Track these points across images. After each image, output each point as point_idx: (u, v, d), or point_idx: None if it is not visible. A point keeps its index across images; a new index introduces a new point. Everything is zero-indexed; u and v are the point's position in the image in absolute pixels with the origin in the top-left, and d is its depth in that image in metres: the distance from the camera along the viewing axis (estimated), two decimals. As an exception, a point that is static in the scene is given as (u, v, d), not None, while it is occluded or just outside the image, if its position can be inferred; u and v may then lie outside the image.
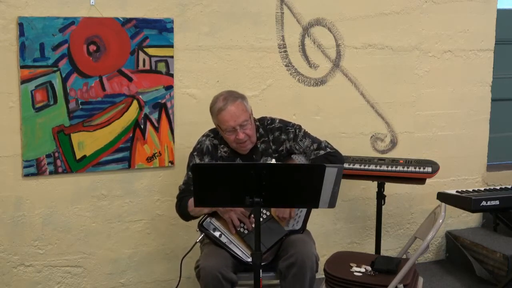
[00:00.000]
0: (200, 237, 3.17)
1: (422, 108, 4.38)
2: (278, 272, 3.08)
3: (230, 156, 3.24)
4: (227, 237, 3.10)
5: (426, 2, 4.26)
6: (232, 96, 3.17)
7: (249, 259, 3.00)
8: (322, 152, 3.27)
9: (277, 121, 3.33)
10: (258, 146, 3.25)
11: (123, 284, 3.85)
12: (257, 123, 3.29)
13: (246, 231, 3.11)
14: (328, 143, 3.34)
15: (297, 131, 3.30)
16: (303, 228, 3.21)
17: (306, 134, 3.32)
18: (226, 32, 3.82)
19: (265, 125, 3.31)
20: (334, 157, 3.27)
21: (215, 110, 3.17)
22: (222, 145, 3.26)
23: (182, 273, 3.28)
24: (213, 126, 3.35)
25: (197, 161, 3.25)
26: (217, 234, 3.11)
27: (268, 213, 3.16)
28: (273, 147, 3.27)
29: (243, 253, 3.08)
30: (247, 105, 3.20)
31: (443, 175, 4.28)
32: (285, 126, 3.31)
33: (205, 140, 3.31)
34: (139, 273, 3.87)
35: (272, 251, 3.11)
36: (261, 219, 3.08)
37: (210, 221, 3.13)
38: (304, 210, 3.23)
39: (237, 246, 3.09)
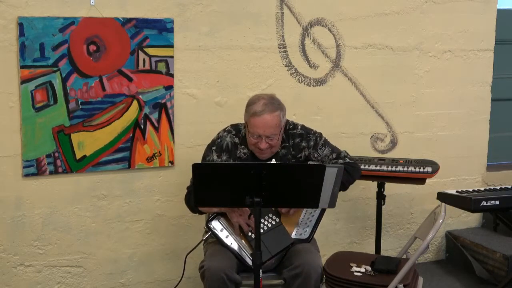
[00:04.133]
0: (207, 235, 3.14)
1: (422, 108, 4.38)
2: (282, 279, 3.07)
3: (249, 158, 3.18)
4: (234, 239, 3.08)
5: (426, 2, 4.26)
6: (273, 105, 3.07)
7: None
8: (340, 161, 3.23)
9: (299, 127, 3.27)
10: (279, 151, 3.20)
11: (123, 284, 3.85)
12: None
13: (253, 236, 3.07)
14: (348, 154, 3.30)
15: (318, 139, 3.25)
16: (311, 238, 3.19)
17: (326, 143, 3.28)
18: (226, 32, 3.82)
19: (287, 130, 3.24)
20: (352, 168, 3.23)
21: (251, 111, 3.08)
22: (242, 146, 3.21)
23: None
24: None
25: (215, 157, 3.20)
26: (224, 234, 3.08)
27: (277, 220, 3.12)
28: (293, 152, 3.23)
29: (248, 257, 3.05)
30: (283, 119, 3.12)
31: (443, 175, 4.28)
32: (306, 133, 3.25)
33: (226, 136, 3.24)
34: (139, 273, 3.87)
35: (277, 257, 3.10)
36: (270, 225, 3.07)
37: (219, 221, 3.10)
38: (314, 220, 3.19)
39: (243, 249, 3.06)
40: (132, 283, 3.87)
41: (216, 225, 3.09)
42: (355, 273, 3.20)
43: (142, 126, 3.69)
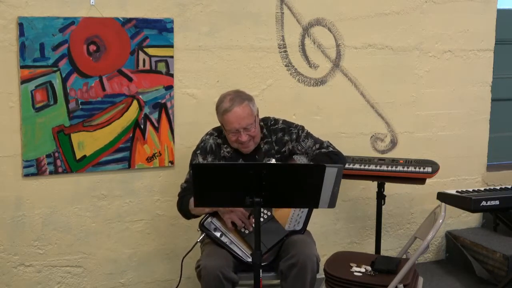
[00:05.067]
0: (201, 236, 3.17)
1: (422, 108, 4.38)
2: (279, 272, 3.08)
3: (233, 156, 3.23)
4: (228, 237, 3.10)
5: (426, 2, 4.26)
6: (240, 98, 3.13)
7: (250, 259, 3.00)
8: (324, 150, 3.27)
9: (281, 121, 3.32)
10: (261, 146, 3.25)
11: (123, 284, 3.85)
12: (261, 123, 3.27)
13: (247, 231, 3.10)
14: (331, 144, 3.34)
15: (300, 131, 3.30)
16: (304, 229, 3.21)
17: (309, 135, 3.32)
18: (226, 32, 3.82)
19: (269, 126, 3.30)
20: (336, 156, 3.27)
21: (221, 110, 3.14)
22: (225, 145, 3.25)
23: (182, 273, 3.28)
24: (214, 125, 3.35)
25: (200, 160, 3.24)
26: (218, 234, 3.11)
27: (269, 213, 3.15)
28: (276, 147, 3.26)
29: (244, 253, 3.08)
30: (253, 107, 3.17)
31: (443, 175, 4.28)
32: (288, 127, 3.30)
33: (209, 139, 3.29)
34: (139, 273, 3.87)
35: (273, 251, 3.11)
36: (262, 219, 3.08)
37: (211, 221, 3.13)
38: (306, 211, 3.22)
39: (237, 246, 3.09)
40: (132, 283, 3.87)
41: (208, 225, 3.12)
42: (355, 273, 3.20)
43: (142, 126, 3.69)
